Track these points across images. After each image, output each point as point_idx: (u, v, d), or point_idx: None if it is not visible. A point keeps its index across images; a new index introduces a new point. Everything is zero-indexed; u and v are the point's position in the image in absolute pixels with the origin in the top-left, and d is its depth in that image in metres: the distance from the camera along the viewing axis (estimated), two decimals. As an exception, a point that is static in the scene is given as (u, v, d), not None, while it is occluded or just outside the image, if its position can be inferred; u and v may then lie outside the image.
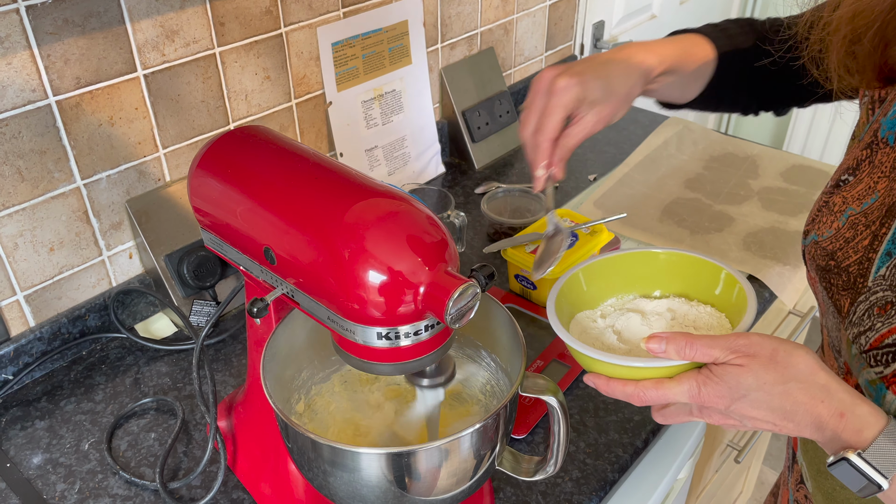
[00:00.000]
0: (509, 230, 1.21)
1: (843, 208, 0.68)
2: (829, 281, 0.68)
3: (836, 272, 0.66)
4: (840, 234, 0.67)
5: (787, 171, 1.41)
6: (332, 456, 0.64)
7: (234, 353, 1.03)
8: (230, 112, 1.09)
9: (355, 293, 0.59)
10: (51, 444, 0.90)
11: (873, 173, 0.66)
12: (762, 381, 0.56)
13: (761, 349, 0.56)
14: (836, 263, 0.67)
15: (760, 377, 0.56)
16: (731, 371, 0.56)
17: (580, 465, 0.86)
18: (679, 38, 0.84)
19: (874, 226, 0.64)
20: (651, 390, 0.59)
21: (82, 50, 0.90)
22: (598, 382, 0.62)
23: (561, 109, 0.72)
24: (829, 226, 0.68)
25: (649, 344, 0.59)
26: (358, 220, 0.60)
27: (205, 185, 0.71)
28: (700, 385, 0.58)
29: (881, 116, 0.67)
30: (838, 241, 0.67)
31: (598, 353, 0.61)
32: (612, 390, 0.61)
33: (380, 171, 1.32)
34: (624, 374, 0.61)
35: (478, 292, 0.59)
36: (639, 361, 0.60)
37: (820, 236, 0.69)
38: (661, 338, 0.58)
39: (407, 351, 0.62)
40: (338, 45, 1.19)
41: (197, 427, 0.92)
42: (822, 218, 0.70)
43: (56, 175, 0.93)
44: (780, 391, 0.56)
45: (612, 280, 0.74)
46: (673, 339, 0.58)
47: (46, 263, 0.96)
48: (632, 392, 0.60)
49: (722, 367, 0.57)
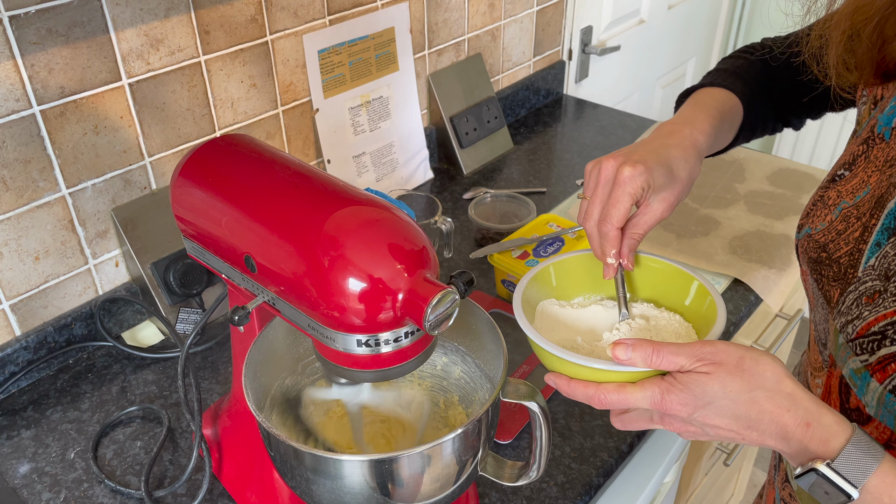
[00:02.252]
0: (496, 235, 1.21)
1: (836, 202, 0.68)
2: (821, 272, 0.68)
3: (828, 263, 0.67)
4: (832, 226, 0.68)
5: (773, 175, 1.42)
6: (314, 464, 0.64)
7: (220, 361, 1.03)
8: (216, 120, 1.09)
9: (335, 301, 0.59)
10: (37, 454, 0.90)
11: (868, 168, 0.67)
12: (728, 389, 0.55)
13: (728, 357, 0.56)
14: (827, 255, 0.67)
15: (726, 385, 0.55)
16: (697, 378, 0.56)
17: (565, 469, 0.86)
18: (705, 103, 0.82)
19: (864, 217, 0.64)
20: (612, 394, 0.59)
21: (66, 59, 0.90)
22: (558, 382, 0.62)
23: (628, 198, 0.70)
24: (823, 219, 0.69)
25: (615, 351, 0.58)
26: (337, 228, 0.60)
27: (187, 193, 0.71)
28: (663, 392, 0.57)
29: (878, 113, 0.67)
30: (830, 234, 0.68)
31: (561, 351, 0.61)
32: (573, 391, 0.61)
33: (368, 178, 1.33)
34: (586, 375, 0.61)
35: (456, 299, 0.60)
36: (602, 364, 0.59)
37: (813, 229, 0.70)
38: (627, 344, 0.58)
39: (388, 358, 0.63)
40: (324, 53, 1.20)
41: (183, 435, 0.92)
42: (816, 212, 0.71)
43: (41, 184, 0.93)
44: (745, 399, 0.55)
45: (582, 278, 0.74)
46: (639, 347, 0.57)
47: (32, 272, 0.96)
48: (592, 394, 0.60)
49: (687, 374, 0.56)
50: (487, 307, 1.09)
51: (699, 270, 1.17)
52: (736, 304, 1.12)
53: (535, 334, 0.63)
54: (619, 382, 0.59)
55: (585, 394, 0.60)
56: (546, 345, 0.62)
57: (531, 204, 1.24)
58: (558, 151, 1.54)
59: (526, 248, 1.10)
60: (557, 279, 0.73)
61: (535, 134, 1.61)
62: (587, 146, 1.55)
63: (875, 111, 0.69)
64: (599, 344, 0.68)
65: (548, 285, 0.73)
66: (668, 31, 2.16)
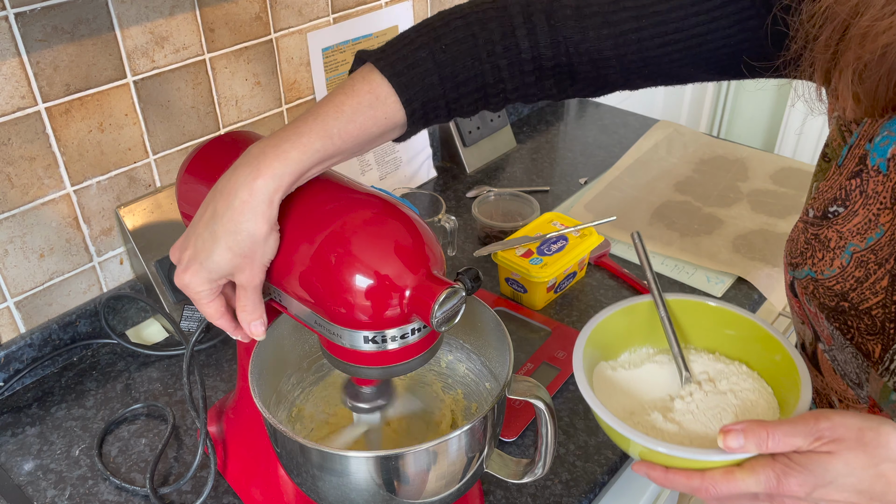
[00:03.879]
0: (500, 234, 1.22)
1: (841, 244, 0.64)
2: (845, 323, 0.65)
3: (854, 314, 0.64)
4: (847, 272, 0.63)
5: (776, 174, 1.42)
6: (321, 460, 0.64)
7: (224, 358, 1.03)
8: (220, 118, 1.09)
9: (342, 297, 0.59)
10: (41, 451, 0.90)
11: (869, 204, 0.62)
12: (852, 467, 0.52)
13: (847, 431, 0.53)
14: (850, 305, 0.63)
15: (850, 463, 0.52)
16: (817, 459, 0.53)
17: (569, 467, 0.86)
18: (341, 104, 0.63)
19: (888, 264, 0.61)
20: (722, 484, 0.55)
21: (72, 57, 0.90)
22: (652, 474, 0.58)
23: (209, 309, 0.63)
24: (830, 263, 0.65)
25: (727, 440, 0.54)
26: (344, 225, 0.60)
27: (193, 190, 0.71)
28: (779, 476, 0.54)
29: (864, 141, 0.62)
30: (848, 281, 0.63)
31: (656, 443, 0.57)
32: (673, 483, 0.57)
33: (371, 176, 1.33)
34: (687, 465, 0.57)
35: (463, 295, 0.60)
36: (708, 455, 0.55)
37: (818, 273, 0.65)
38: (738, 431, 0.54)
39: (394, 354, 0.63)
40: (328, 51, 1.20)
41: (188, 432, 0.92)
42: (814, 252, 0.66)
43: (46, 181, 0.93)
44: (871, 475, 0.53)
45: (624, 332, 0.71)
46: (751, 433, 0.54)
47: (37, 270, 0.97)
48: (698, 486, 0.56)
49: (806, 455, 0.53)
50: (491, 305, 1.09)
51: (702, 270, 1.17)
52: (739, 302, 1.12)
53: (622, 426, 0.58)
54: (726, 468, 0.56)
55: (689, 486, 0.57)
56: (639, 438, 0.57)
57: (534, 202, 1.25)
58: (561, 150, 1.54)
59: (530, 247, 1.10)
60: (602, 339, 0.70)
61: (538, 133, 1.61)
62: (590, 145, 1.55)
63: (857, 136, 0.63)
64: (675, 416, 0.64)
65: (595, 347, 0.69)
66: (671, 31, 2.15)
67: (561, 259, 1.08)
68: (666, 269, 1.18)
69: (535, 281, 1.07)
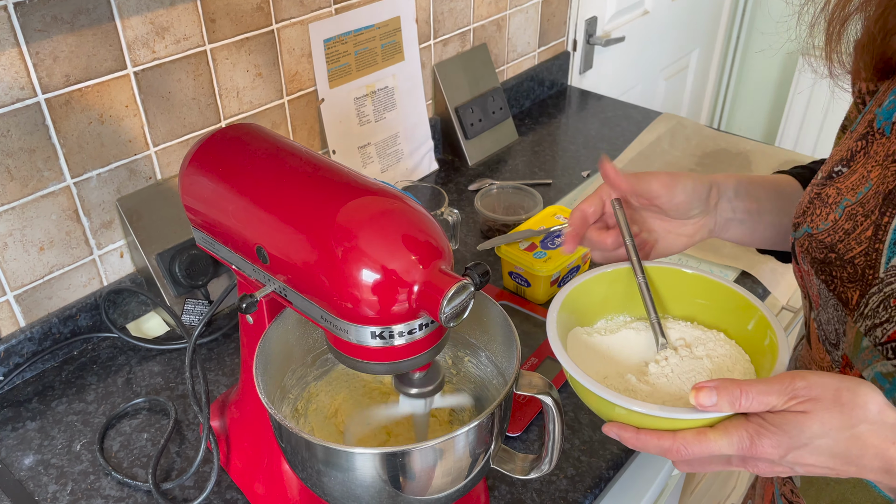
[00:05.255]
0: (503, 227, 1.21)
1: (837, 199, 0.66)
2: (831, 273, 0.66)
3: (839, 265, 0.65)
4: (838, 225, 0.65)
5: (779, 167, 1.41)
6: (326, 456, 0.63)
7: (226, 352, 1.03)
8: (221, 109, 1.08)
9: (348, 292, 0.59)
10: (42, 445, 0.89)
11: (867, 163, 0.64)
12: (827, 428, 0.50)
13: (823, 391, 0.51)
14: (837, 256, 0.65)
15: (826, 423, 0.50)
16: (792, 419, 0.51)
17: (575, 462, 0.86)
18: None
19: (874, 215, 0.62)
20: (694, 445, 0.53)
21: (71, 47, 0.89)
22: (623, 435, 0.56)
23: None
24: (825, 218, 0.67)
25: (699, 397, 0.52)
26: (351, 219, 0.60)
27: (196, 183, 0.70)
28: (753, 436, 0.52)
29: (875, 107, 0.65)
30: (837, 233, 0.65)
31: (627, 400, 0.55)
32: (644, 444, 0.55)
33: (373, 168, 1.32)
34: (658, 424, 0.55)
35: (472, 291, 0.59)
36: (679, 413, 0.53)
37: (814, 228, 0.68)
38: (710, 388, 0.52)
39: (401, 350, 0.62)
40: (330, 42, 1.19)
41: (190, 427, 0.92)
42: (814, 210, 0.69)
43: (45, 174, 0.92)
44: (847, 436, 0.51)
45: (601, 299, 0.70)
46: (724, 389, 0.52)
47: (36, 263, 0.96)
48: (669, 447, 0.54)
49: (780, 414, 0.52)
50: (495, 299, 1.08)
51: (706, 263, 1.17)
52: (744, 296, 1.12)
53: (594, 384, 0.56)
54: (698, 429, 0.54)
55: (660, 446, 0.54)
56: (608, 394, 0.55)
57: (537, 195, 1.24)
58: (563, 143, 1.53)
59: (533, 240, 1.10)
60: (578, 305, 0.69)
61: (540, 125, 1.60)
62: (592, 138, 1.54)
63: (870, 104, 0.66)
64: (649, 379, 0.63)
65: (571, 313, 0.68)
66: (672, 22, 2.15)
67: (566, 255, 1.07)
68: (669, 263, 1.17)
69: (538, 275, 1.06)
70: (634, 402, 0.55)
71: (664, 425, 0.55)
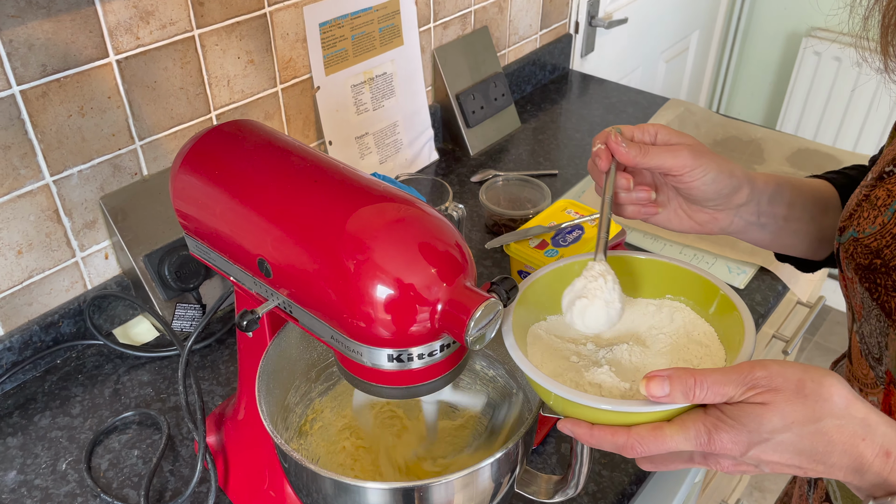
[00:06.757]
0: (510, 222, 1.15)
1: (887, 202, 0.61)
2: (875, 281, 0.61)
3: (884, 272, 0.60)
4: (886, 230, 0.61)
5: (792, 156, 1.36)
6: (336, 490, 0.58)
7: (221, 359, 0.97)
8: (211, 99, 1.01)
9: (362, 310, 0.53)
10: (25, 465, 0.83)
11: None
12: (789, 421, 0.47)
13: (785, 382, 0.47)
14: (882, 262, 0.60)
15: (787, 416, 0.47)
16: (751, 411, 0.47)
17: (595, 477, 0.81)
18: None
19: None
20: (649, 441, 0.49)
21: (48, 34, 0.82)
22: (577, 431, 0.52)
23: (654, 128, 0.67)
24: (872, 221, 0.62)
25: (649, 387, 0.48)
26: (364, 228, 0.54)
27: (189, 186, 0.64)
28: (710, 431, 0.48)
29: None
30: (885, 238, 0.60)
31: (577, 395, 0.50)
32: (599, 441, 0.51)
33: (371, 160, 1.25)
34: (611, 419, 0.51)
35: (500, 310, 0.53)
36: (629, 406, 0.49)
37: (860, 232, 0.63)
38: (662, 377, 0.48)
39: (418, 373, 0.56)
40: (325, 26, 1.12)
41: (183, 442, 0.86)
42: (861, 212, 0.64)
43: (22, 172, 0.85)
44: (811, 431, 0.47)
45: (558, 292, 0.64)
46: (677, 379, 0.48)
47: (14, 267, 0.89)
48: (623, 443, 0.50)
49: (738, 406, 0.48)
50: (503, 299, 1.03)
51: (723, 258, 1.12)
52: (764, 294, 1.07)
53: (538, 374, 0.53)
54: (654, 424, 0.50)
55: (614, 443, 0.51)
56: (557, 388, 0.51)
57: (545, 188, 1.18)
58: (568, 131, 1.47)
59: (544, 237, 1.04)
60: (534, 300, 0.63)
61: (543, 112, 1.53)
62: (597, 125, 1.48)
63: None
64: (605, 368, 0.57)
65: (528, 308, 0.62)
66: (673, 3, 2.08)
67: (577, 250, 1.02)
68: (684, 258, 1.12)
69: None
70: (583, 396, 0.51)
71: (618, 420, 0.51)
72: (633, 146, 0.65)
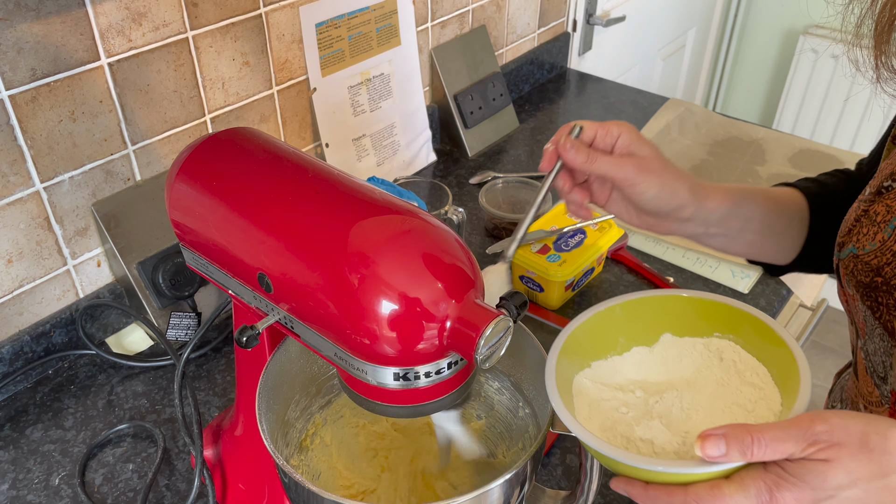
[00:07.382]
0: (510, 225, 1.13)
1: (887, 218, 0.60)
2: (876, 300, 0.60)
3: (885, 290, 0.59)
4: (886, 246, 0.59)
5: (794, 157, 1.34)
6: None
7: (217, 369, 0.94)
8: (206, 102, 0.99)
9: (366, 327, 0.51)
10: (17, 480, 0.81)
11: None
12: (855, 477, 0.45)
13: (848, 436, 0.46)
14: (883, 280, 0.59)
15: (853, 472, 0.45)
16: (813, 468, 0.46)
17: (602, 489, 0.79)
18: None
19: None
20: (707, 500, 0.48)
21: (38, 37, 0.79)
22: (632, 491, 0.51)
23: None
24: (872, 238, 0.61)
25: (705, 447, 0.47)
26: (368, 241, 0.52)
27: (186, 197, 0.62)
28: (772, 488, 0.47)
29: None
30: (885, 255, 0.59)
31: (631, 457, 0.50)
32: (655, 500, 0.50)
33: (368, 162, 1.23)
34: (666, 479, 0.49)
35: (511, 327, 0.52)
36: (686, 467, 0.48)
37: (860, 249, 0.62)
38: (717, 436, 0.47)
39: (425, 392, 0.55)
40: (322, 26, 1.09)
41: (179, 456, 0.84)
42: (860, 228, 0.62)
43: (12, 179, 0.83)
44: (878, 486, 0.46)
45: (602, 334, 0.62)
46: (733, 437, 0.46)
47: (4, 276, 0.86)
48: (681, 502, 0.49)
49: (799, 463, 0.46)
50: (505, 305, 1.01)
51: (726, 263, 1.10)
52: (768, 298, 1.05)
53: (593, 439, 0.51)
54: (712, 482, 0.48)
55: (670, 503, 0.49)
56: (611, 452, 0.50)
57: (546, 190, 1.16)
58: (567, 131, 1.45)
59: (546, 242, 1.02)
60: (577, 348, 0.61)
61: (541, 111, 1.52)
62: (597, 125, 1.46)
63: None
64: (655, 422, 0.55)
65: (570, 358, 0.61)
66: (669, 1, 2.07)
67: (580, 255, 1.00)
68: (688, 263, 1.10)
69: (552, 280, 0.99)
70: (637, 458, 0.49)
71: (673, 479, 0.49)
72: (581, 152, 0.67)
